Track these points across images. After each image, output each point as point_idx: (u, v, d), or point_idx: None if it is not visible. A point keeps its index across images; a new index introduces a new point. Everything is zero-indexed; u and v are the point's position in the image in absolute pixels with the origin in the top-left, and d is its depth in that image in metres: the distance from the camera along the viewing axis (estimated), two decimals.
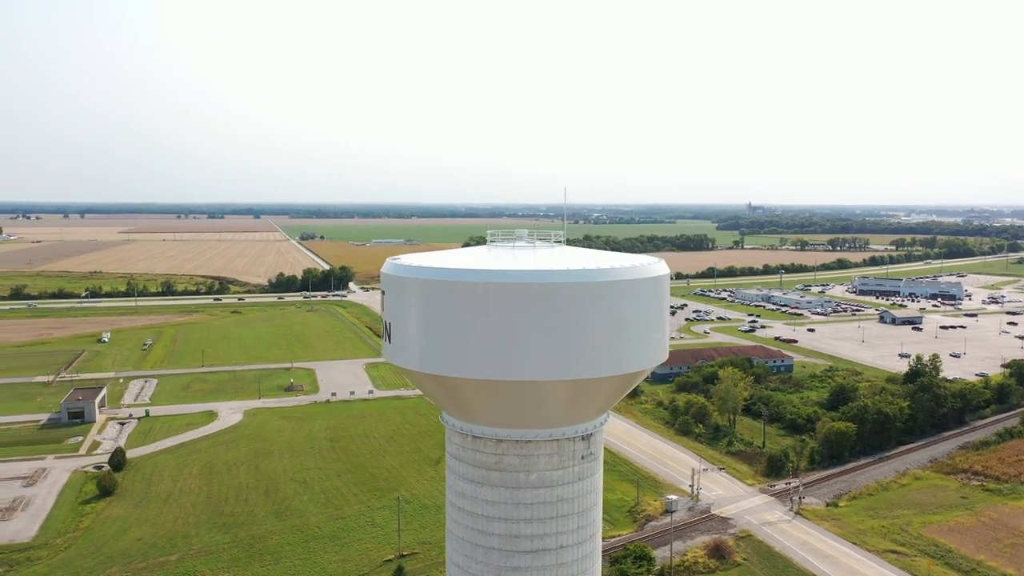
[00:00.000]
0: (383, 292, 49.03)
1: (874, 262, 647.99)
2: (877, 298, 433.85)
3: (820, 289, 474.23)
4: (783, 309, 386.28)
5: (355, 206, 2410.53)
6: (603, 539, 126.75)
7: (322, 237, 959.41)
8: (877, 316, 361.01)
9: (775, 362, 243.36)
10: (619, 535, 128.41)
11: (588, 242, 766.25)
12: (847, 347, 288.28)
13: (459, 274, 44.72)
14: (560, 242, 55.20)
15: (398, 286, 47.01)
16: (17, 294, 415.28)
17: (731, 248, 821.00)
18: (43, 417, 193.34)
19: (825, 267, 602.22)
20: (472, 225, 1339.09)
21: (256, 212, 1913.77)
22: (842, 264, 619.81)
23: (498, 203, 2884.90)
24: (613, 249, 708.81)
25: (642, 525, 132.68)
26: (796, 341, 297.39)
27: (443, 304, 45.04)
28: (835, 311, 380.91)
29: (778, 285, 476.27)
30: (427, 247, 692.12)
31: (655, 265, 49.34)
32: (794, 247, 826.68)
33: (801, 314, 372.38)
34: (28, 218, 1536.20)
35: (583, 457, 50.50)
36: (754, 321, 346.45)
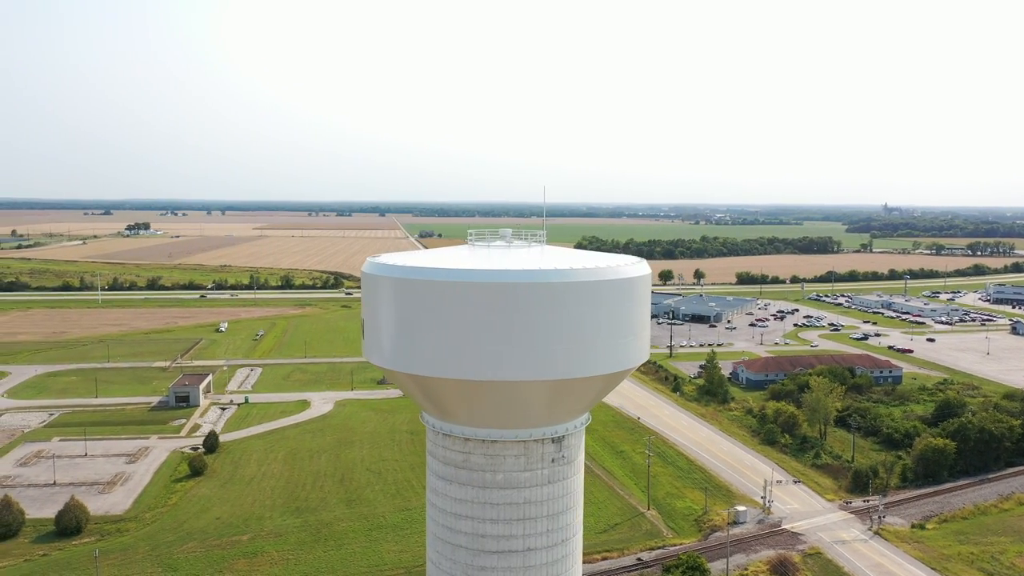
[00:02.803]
0: (362, 290, 50.39)
1: (1016, 268, 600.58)
2: (1014, 307, 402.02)
3: (949, 297, 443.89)
4: (903, 317, 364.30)
5: (477, 204, 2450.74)
6: (663, 547, 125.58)
7: (439, 235, 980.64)
8: (1009, 327, 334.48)
9: (881, 372, 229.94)
10: (681, 544, 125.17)
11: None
12: (969, 359, 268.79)
13: (421, 272, 45.31)
14: (540, 242, 54.65)
15: (373, 284, 48.05)
16: (152, 285, 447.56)
17: (858, 251, 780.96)
18: (154, 400, 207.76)
19: (959, 273, 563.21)
20: (591, 225, 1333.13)
21: (382, 210, 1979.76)
22: (979, 270, 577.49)
23: (620, 203, 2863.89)
24: (732, 251, 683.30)
25: (707, 535, 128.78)
26: (911, 351, 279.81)
27: (408, 302, 45.72)
28: (961, 320, 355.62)
29: (902, 291, 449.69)
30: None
31: (630, 267, 48.23)
32: (928, 251, 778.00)
33: (923, 323, 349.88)
34: (176, 215, 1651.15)
35: (553, 460, 49.97)
36: (844, 328, 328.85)
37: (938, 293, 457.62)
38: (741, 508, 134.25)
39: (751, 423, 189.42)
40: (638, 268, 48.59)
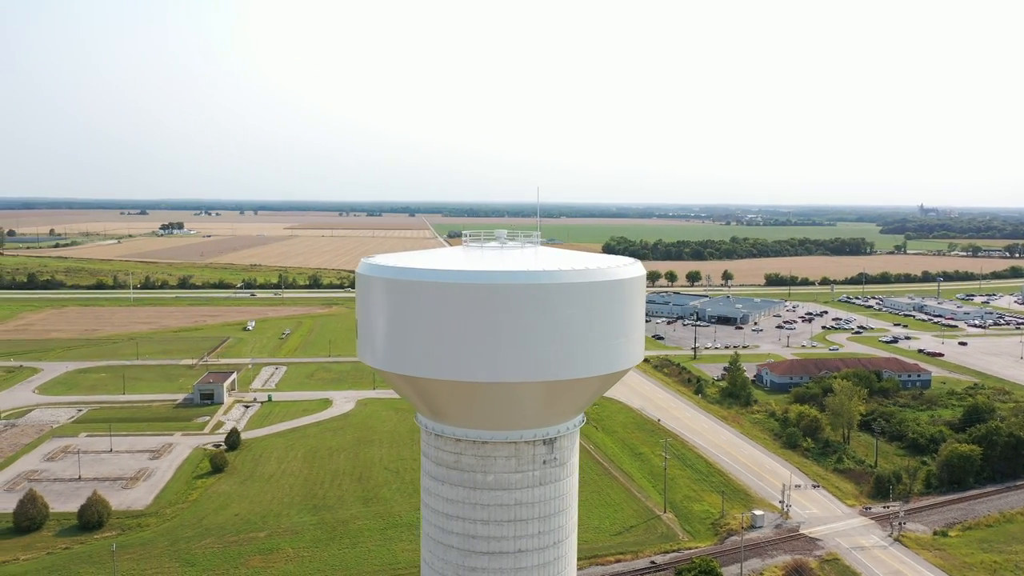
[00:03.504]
0: (356, 291, 50.72)
1: None
2: None
3: (984, 299, 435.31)
4: (935, 320, 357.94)
5: (507, 205, 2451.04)
6: (678, 550, 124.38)
7: (468, 235, 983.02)
8: None
9: (909, 376, 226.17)
10: (696, 547, 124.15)
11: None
12: (1001, 363, 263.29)
13: (412, 273, 45.51)
14: (535, 243, 54.54)
15: (366, 285, 48.30)
16: (183, 284, 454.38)
17: (891, 253, 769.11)
18: (179, 397, 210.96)
19: (995, 275, 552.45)
20: (620, 225, 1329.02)
21: (412, 210, 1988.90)
22: (1016, 272, 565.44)
23: (650, 203, 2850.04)
24: (762, 252, 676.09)
25: (723, 539, 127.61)
26: (942, 355, 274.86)
27: (399, 303, 45.93)
28: (996, 323, 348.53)
29: (935, 294, 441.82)
30: (568, 246, 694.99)
31: (622, 268, 47.96)
32: (964, 253, 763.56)
33: (955, 326, 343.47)
34: (209, 214, 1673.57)
35: (545, 462, 49.84)
36: (873, 330, 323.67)
37: (972, 296, 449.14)
38: (758, 512, 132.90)
39: (773, 426, 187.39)
40: (630, 269, 48.29)
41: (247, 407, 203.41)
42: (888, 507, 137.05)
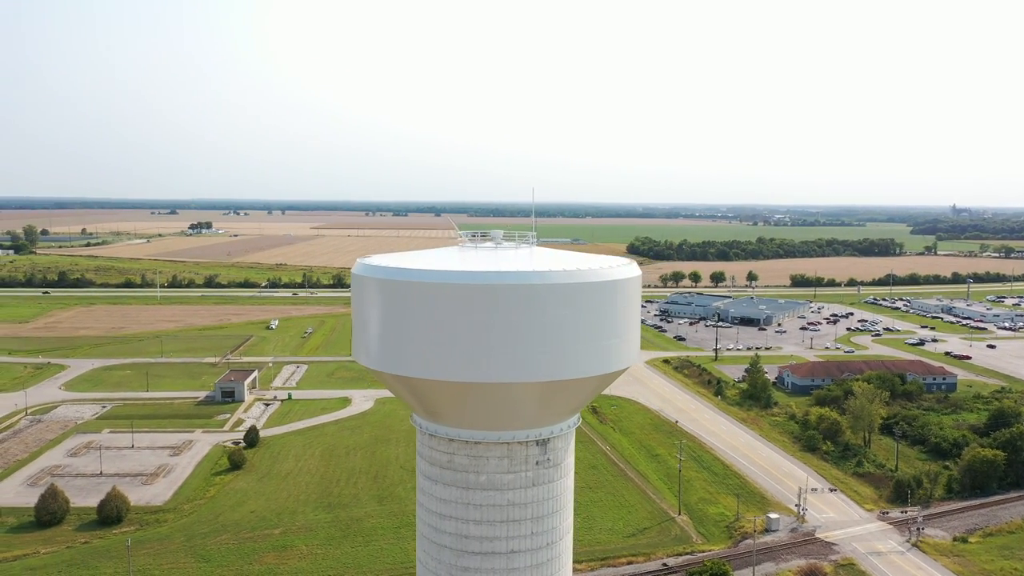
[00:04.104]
0: (352, 291, 51.06)
1: None
2: None
3: (1015, 301, 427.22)
4: (964, 322, 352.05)
5: (532, 204, 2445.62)
6: (691, 553, 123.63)
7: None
8: None
9: (934, 379, 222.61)
10: (709, 550, 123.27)
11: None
12: None
13: (404, 274, 45.71)
14: (530, 243, 54.49)
15: (360, 285, 48.63)
16: (209, 283, 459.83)
17: (921, 254, 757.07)
18: (201, 395, 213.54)
19: None
20: (646, 225, 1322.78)
21: (437, 210, 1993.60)
22: None
23: (678, 203, 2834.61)
24: (789, 252, 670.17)
25: (737, 542, 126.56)
26: (969, 358, 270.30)
27: (391, 303, 46.18)
28: None
29: (964, 295, 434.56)
30: (593, 247, 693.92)
31: (616, 268, 47.79)
32: (996, 254, 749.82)
33: (985, 328, 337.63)
34: (238, 214, 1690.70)
35: (538, 463, 49.76)
36: (899, 332, 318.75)
37: (1003, 298, 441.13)
38: (774, 515, 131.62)
39: (793, 429, 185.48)
40: (625, 270, 48.09)
41: (267, 405, 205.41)
42: (907, 512, 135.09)
